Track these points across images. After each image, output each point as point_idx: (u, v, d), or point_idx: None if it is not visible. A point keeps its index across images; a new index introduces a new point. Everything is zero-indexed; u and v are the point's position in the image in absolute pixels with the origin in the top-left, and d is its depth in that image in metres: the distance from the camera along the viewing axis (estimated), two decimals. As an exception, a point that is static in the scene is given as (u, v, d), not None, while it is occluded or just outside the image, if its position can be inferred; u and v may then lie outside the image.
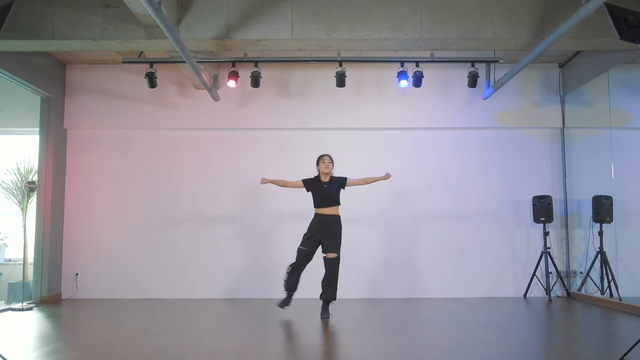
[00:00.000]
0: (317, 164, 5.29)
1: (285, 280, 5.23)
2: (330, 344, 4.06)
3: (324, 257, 5.11)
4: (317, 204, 5.23)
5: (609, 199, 6.19)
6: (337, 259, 5.08)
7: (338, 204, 5.26)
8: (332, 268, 5.06)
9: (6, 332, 4.59)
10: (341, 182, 5.27)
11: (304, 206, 5.49)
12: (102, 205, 6.79)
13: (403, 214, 6.82)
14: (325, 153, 5.31)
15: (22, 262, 6.68)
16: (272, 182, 5.32)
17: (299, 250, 5.17)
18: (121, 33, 4.87)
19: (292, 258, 5.22)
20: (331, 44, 5.04)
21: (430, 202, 6.84)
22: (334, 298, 5.12)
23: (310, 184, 5.25)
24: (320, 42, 4.99)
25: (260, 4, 4.90)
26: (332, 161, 5.27)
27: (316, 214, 5.22)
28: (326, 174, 5.22)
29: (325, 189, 5.20)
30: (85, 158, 6.85)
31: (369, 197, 6.78)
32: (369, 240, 6.75)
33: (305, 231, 5.22)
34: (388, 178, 5.37)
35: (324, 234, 5.12)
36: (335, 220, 5.19)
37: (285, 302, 5.20)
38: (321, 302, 5.15)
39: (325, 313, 5.08)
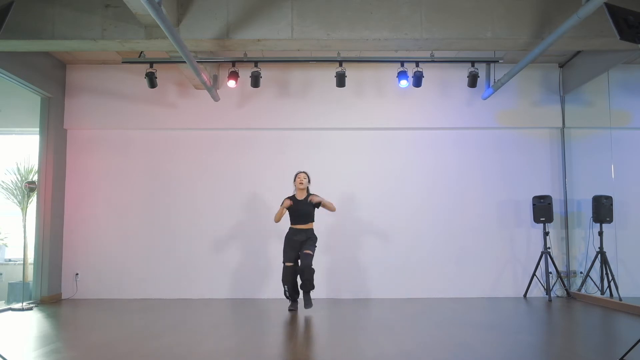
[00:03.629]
0: (294, 180, 5.59)
1: (286, 296, 5.54)
2: (330, 344, 4.06)
3: (300, 253, 5.40)
4: (293, 221, 5.53)
5: (609, 199, 6.19)
6: (311, 255, 5.35)
7: (312, 220, 5.54)
8: (306, 261, 5.29)
9: (6, 332, 4.59)
10: (313, 204, 5.50)
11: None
12: (102, 205, 6.79)
13: (403, 214, 6.81)
14: (301, 170, 5.62)
15: (22, 262, 6.69)
16: (280, 215, 5.53)
17: (285, 267, 5.42)
18: (121, 33, 4.87)
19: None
20: (331, 44, 5.04)
21: (430, 202, 6.84)
22: (313, 285, 5.34)
23: (290, 201, 5.53)
24: (320, 42, 4.99)
25: (260, 4, 4.90)
26: (308, 177, 5.58)
27: (292, 229, 5.53)
28: (301, 189, 5.50)
29: (303, 207, 5.47)
30: (85, 158, 6.85)
31: (369, 197, 6.79)
32: (368, 240, 6.75)
33: (284, 246, 5.50)
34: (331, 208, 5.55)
35: (301, 241, 5.44)
36: (310, 231, 5.52)
37: (293, 305, 5.53)
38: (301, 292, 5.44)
39: (309, 302, 5.29)
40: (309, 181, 5.58)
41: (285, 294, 5.52)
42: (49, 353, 3.66)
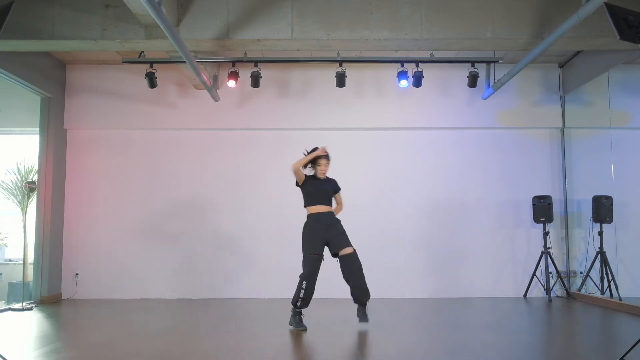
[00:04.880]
0: (313, 165, 4.79)
1: (300, 298, 4.52)
2: (330, 344, 4.06)
3: (342, 256, 4.60)
4: (313, 200, 4.71)
5: (609, 199, 6.19)
6: (356, 253, 4.64)
7: (331, 204, 4.82)
8: (356, 263, 4.58)
9: (6, 332, 4.59)
10: (335, 186, 4.87)
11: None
12: (102, 205, 6.79)
13: (403, 214, 6.81)
14: (324, 154, 4.78)
15: (22, 262, 6.69)
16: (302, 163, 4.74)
17: (308, 258, 4.55)
18: (121, 33, 4.87)
19: (292, 258, 5.18)
20: (331, 44, 5.04)
21: (430, 202, 6.84)
22: (369, 295, 4.70)
23: (307, 179, 4.78)
24: (320, 42, 4.99)
25: (260, 4, 4.90)
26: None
27: (313, 215, 4.72)
28: (323, 174, 4.78)
29: (323, 184, 4.77)
30: (85, 158, 6.85)
31: (368, 196, 6.79)
32: (368, 240, 6.74)
33: (304, 237, 4.68)
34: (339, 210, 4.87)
35: (330, 233, 4.64)
36: (335, 217, 4.79)
37: (302, 325, 4.57)
38: (357, 305, 4.71)
39: (365, 316, 4.65)
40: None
41: (298, 297, 4.53)
42: (49, 353, 3.66)
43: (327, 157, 4.81)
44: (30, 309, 5.79)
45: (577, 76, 6.63)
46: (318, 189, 4.76)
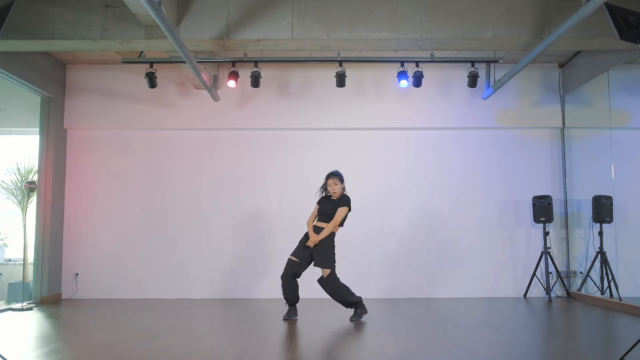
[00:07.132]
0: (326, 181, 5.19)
1: (282, 294, 5.11)
2: (330, 344, 4.06)
3: (321, 276, 5.03)
4: (319, 216, 5.17)
5: (609, 199, 6.19)
6: (332, 275, 4.92)
7: (330, 220, 5.08)
8: (329, 285, 4.94)
9: (6, 332, 4.59)
10: (338, 204, 5.12)
11: (303, 205, 5.55)
12: (102, 205, 6.79)
13: (403, 214, 6.81)
14: (331, 173, 5.15)
15: (22, 262, 6.69)
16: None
17: (288, 260, 5.07)
18: (121, 33, 4.87)
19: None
20: (331, 44, 5.04)
21: (430, 202, 6.84)
22: (354, 301, 5.00)
23: (321, 202, 5.22)
24: (320, 42, 4.99)
25: (260, 4, 4.90)
26: (341, 180, 5.14)
27: (314, 226, 5.13)
28: (334, 192, 5.12)
29: (329, 205, 5.13)
30: (85, 158, 6.85)
31: (368, 197, 6.78)
32: (368, 240, 6.75)
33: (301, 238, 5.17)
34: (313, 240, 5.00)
35: (314, 247, 5.00)
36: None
37: (288, 314, 5.08)
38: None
39: (355, 316, 5.00)
40: (341, 181, 5.14)
41: (282, 292, 5.09)
42: (49, 353, 3.66)
43: (331, 175, 5.16)
44: (30, 309, 5.79)
45: (577, 76, 6.63)
46: (322, 208, 5.19)
